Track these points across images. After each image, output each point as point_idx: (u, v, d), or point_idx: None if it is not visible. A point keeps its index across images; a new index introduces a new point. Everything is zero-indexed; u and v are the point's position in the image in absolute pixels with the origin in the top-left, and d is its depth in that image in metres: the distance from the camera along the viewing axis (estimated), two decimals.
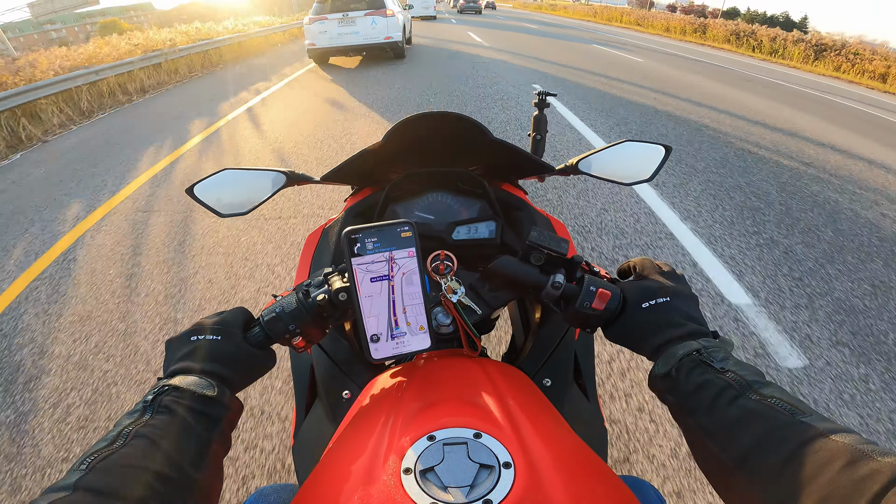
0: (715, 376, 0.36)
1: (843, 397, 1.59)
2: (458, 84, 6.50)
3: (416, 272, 0.46)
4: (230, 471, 1.35)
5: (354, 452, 0.39)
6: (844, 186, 3.47)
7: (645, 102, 5.75)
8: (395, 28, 8.16)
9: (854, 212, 3.02)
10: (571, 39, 14.37)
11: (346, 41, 8.08)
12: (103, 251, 2.60)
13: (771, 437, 0.31)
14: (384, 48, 8.30)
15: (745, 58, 15.76)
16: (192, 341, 0.43)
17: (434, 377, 0.50)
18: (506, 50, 10.36)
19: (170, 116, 5.64)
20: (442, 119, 0.65)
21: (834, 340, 1.84)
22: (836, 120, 6.19)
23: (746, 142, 4.42)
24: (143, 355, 1.81)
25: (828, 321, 1.95)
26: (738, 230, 2.69)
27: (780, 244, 2.55)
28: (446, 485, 0.33)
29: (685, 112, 5.41)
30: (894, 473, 0.24)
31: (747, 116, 5.53)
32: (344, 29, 8.00)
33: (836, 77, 13.84)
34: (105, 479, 0.29)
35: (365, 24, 7.99)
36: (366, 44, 8.12)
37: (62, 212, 3.13)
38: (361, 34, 8.04)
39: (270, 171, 0.73)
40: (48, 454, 1.44)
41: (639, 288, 0.46)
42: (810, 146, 4.51)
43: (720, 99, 6.47)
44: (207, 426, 0.37)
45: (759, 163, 3.85)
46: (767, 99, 7.13)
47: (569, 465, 0.37)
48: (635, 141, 0.75)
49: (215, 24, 12.82)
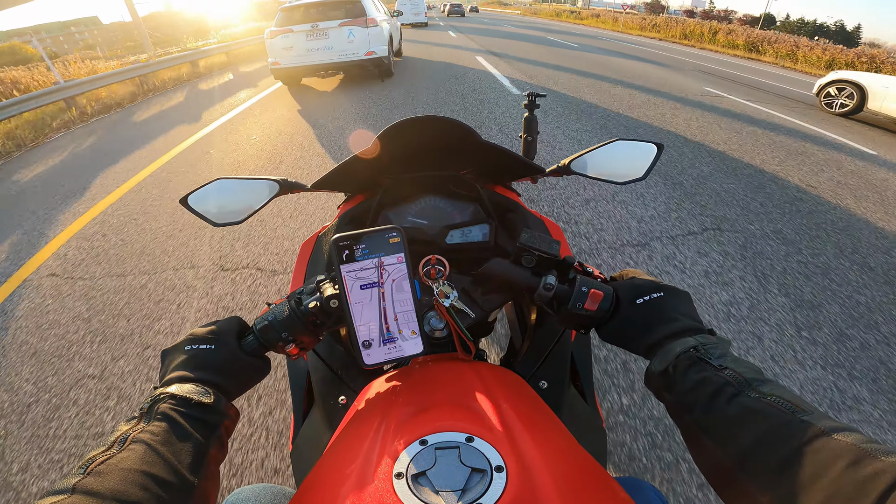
0: (713, 373, 0.36)
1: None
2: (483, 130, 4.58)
3: (406, 277, 0.45)
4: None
5: (348, 457, 0.39)
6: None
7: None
8: (378, 40, 6.51)
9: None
10: (612, 55, 12.64)
11: (317, 59, 6.41)
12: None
13: (771, 436, 0.30)
14: (366, 66, 6.65)
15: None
16: (186, 350, 0.43)
17: (427, 381, 0.49)
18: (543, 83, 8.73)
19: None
20: (432, 123, 0.65)
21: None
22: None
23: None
24: None
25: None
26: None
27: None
28: (438, 489, 0.32)
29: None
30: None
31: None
32: (314, 43, 6.34)
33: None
34: (103, 483, 0.29)
35: (340, 37, 6.33)
36: (342, 61, 6.46)
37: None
38: (336, 49, 6.38)
39: (264, 179, 0.72)
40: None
41: (631, 285, 0.46)
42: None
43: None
44: (204, 432, 0.38)
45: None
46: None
47: (562, 468, 0.36)
48: (626, 139, 0.73)
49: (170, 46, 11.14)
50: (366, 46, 6.43)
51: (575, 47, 13.05)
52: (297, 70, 6.57)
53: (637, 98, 6.21)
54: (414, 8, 19.21)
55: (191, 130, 5.04)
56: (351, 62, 6.47)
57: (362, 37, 6.36)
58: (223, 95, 7.02)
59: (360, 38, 6.37)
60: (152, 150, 4.46)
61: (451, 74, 7.47)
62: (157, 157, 4.23)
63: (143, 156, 4.32)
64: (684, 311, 0.43)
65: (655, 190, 3.14)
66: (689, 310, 0.44)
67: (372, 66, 6.69)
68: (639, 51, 14.04)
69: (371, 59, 6.51)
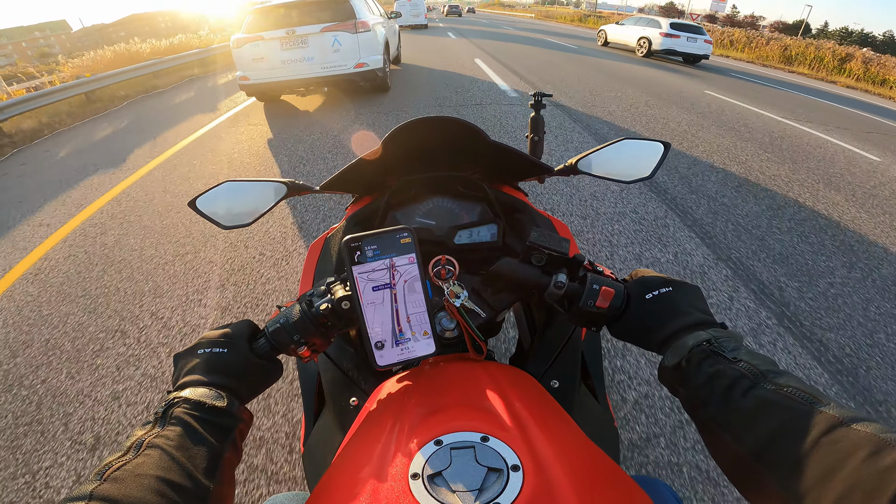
0: (727, 366, 0.35)
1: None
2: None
3: (418, 278, 0.45)
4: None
5: (362, 459, 0.39)
6: None
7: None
8: (370, 49, 5.26)
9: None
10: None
11: (295, 72, 5.15)
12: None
13: (789, 427, 0.30)
14: (355, 81, 5.40)
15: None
16: (199, 354, 0.43)
17: (440, 382, 0.49)
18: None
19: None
20: (439, 124, 0.65)
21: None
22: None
23: None
24: None
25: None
26: None
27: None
28: (454, 489, 0.32)
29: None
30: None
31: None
32: (290, 53, 5.09)
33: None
34: (120, 489, 0.29)
35: (323, 46, 5.08)
36: (325, 76, 5.20)
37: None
38: (318, 61, 5.12)
39: (271, 181, 0.72)
40: None
41: (641, 282, 0.46)
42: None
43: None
44: (219, 436, 0.38)
45: None
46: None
47: (578, 466, 0.36)
48: (633, 139, 0.73)
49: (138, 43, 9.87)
50: (355, 57, 5.17)
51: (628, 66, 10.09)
52: (269, 86, 5.31)
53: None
54: (413, 9, 17.90)
55: (104, 184, 3.78)
56: (336, 76, 5.21)
57: (351, 45, 5.10)
58: (170, 121, 5.75)
59: (349, 47, 5.11)
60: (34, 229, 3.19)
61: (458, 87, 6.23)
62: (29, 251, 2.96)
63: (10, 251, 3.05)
64: (695, 305, 0.43)
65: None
66: (699, 304, 0.44)
67: (362, 81, 5.43)
68: (757, 93, 8.42)
69: (361, 73, 5.25)
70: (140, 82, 7.99)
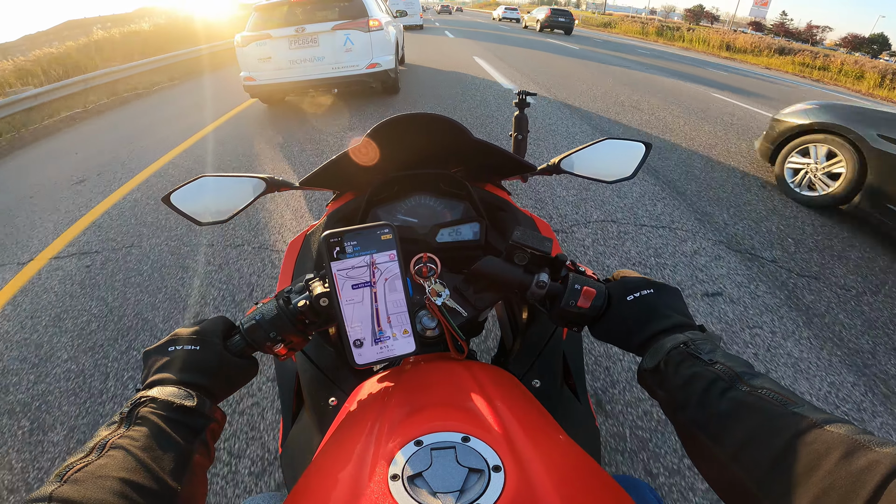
0: (704, 368, 0.36)
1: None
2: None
3: (399, 276, 0.45)
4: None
5: (341, 460, 0.38)
6: None
7: None
8: (382, 48, 5.05)
9: None
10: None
11: (304, 73, 4.91)
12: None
13: (763, 429, 0.30)
14: (366, 82, 5.18)
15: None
16: (169, 351, 0.42)
17: (421, 381, 0.49)
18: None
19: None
20: (422, 120, 0.64)
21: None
22: None
23: None
24: None
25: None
26: None
27: None
28: (435, 490, 0.31)
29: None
30: (894, 464, 0.23)
31: None
32: (299, 53, 4.85)
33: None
34: (80, 490, 0.28)
35: (334, 45, 4.84)
36: (337, 76, 4.96)
37: None
38: (329, 61, 4.89)
39: (249, 177, 0.70)
40: None
41: (622, 283, 0.47)
42: None
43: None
44: (188, 437, 0.37)
45: None
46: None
47: (560, 466, 0.36)
48: (615, 139, 0.74)
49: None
50: (367, 57, 4.95)
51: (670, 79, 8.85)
52: (277, 87, 5.07)
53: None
54: (409, 8, 17.68)
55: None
56: (348, 77, 4.99)
57: (363, 44, 4.88)
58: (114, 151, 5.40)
59: (361, 46, 4.89)
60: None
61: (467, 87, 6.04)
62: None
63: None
64: (675, 307, 0.44)
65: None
66: (679, 306, 0.44)
67: (374, 82, 5.22)
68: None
69: (374, 73, 5.04)
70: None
